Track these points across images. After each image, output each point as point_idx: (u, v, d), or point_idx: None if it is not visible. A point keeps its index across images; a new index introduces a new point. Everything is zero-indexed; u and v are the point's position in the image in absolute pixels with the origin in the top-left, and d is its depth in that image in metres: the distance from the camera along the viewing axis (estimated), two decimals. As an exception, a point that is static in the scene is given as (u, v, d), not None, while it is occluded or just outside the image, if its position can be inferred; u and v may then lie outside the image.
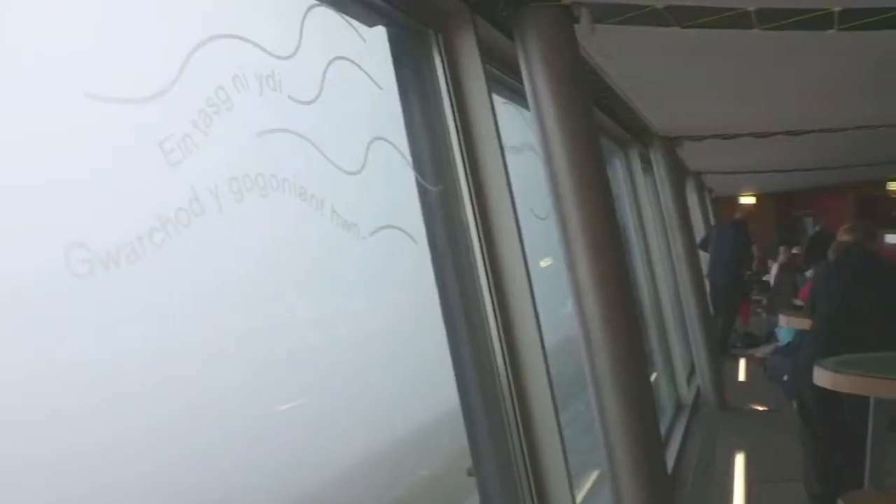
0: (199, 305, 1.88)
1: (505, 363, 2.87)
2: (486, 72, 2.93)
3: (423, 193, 2.82)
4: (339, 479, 2.45)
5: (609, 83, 4.65)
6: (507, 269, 2.89)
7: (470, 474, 2.86)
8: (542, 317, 2.96)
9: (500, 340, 2.87)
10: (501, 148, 2.92)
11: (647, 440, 3.08)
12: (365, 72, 2.59)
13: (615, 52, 3.88)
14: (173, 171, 1.68)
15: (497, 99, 3.30)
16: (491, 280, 2.87)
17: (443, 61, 2.91)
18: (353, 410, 2.53)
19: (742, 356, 9.70)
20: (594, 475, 4.23)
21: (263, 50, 2.05)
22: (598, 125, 5.01)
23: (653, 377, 6.68)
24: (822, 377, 3.79)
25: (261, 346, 2.13)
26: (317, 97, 2.26)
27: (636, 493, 3.06)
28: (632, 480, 3.06)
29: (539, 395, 2.88)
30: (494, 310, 2.87)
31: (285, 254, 2.24)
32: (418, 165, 2.82)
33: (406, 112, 2.84)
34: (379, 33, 2.77)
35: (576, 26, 3.09)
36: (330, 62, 2.37)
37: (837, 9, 3.39)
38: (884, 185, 19.14)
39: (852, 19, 3.49)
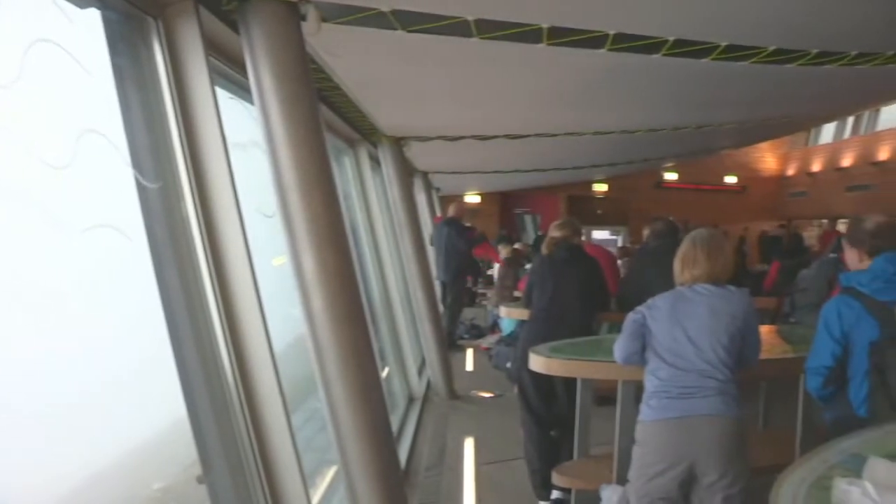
0: None
1: (232, 366, 2.79)
2: (209, 64, 2.83)
3: (141, 190, 2.65)
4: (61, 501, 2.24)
5: (337, 82, 4.68)
6: (232, 268, 2.81)
7: (200, 482, 2.75)
8: (277, 316, 2.92)
9: (227, 342, 2.79)
10: (225, 144, 2.83)
11: (378, 434, 3.15)
12: (73, 57, 2.38)
13: (342, 51, 3.92)
14: None
15: (222, 93, 3.20)
16: (215, 280, 2.78)
17: (163, 51, 2.76)
18: (72, 424, 2.33)
19: (469, 347, 10.22)
20: (331, 472, 4.24)
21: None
22: (326, 123, 5.03)
23: (385, 372, 6.83)
24: (537, 362, 4.10)
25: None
26: (14, 82, 2.05)
27: (370, 485, 3.12)
28: (365, 474, 3.11)
29: (269, 396, 2.84)
30: (220, 311, 2.78)
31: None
32: (136, 161, 2.65)
33: (122, 104, 2.66)
34: (92, 16, 2.56)
35: (303, 24, 3.08)
36: (31, 44, 2.15)
37: (546, 25, 3.68)
38: (590, 186, 21.21)
39: (559, 36, 3.81)
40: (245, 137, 3.56)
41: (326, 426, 3.19)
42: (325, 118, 4.71)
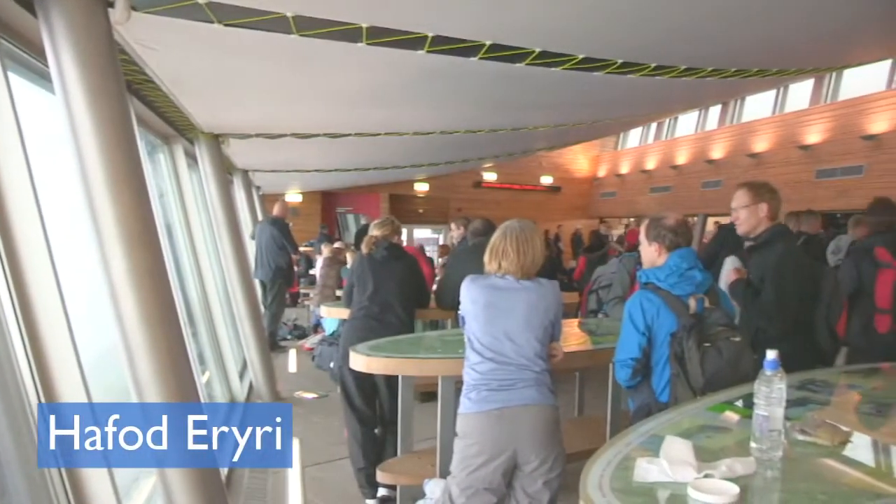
0: None
1: (33, 375, 2.59)
2: (1, 48, 2.60)
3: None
4: None
5: (150, 75, 4.46)
6: (31, 271, 2.60)
7: (-5, 506, 2.55)
8: (92, 320, 2.74)
9: (27, 352, 2.58)
10: (21, 136, 2.62)
11: (196, 440, 3.04)
12: None
13: (155, 43, 3.74)
14: None
15: (19, 81, 2.97)
16: (12, 285, 2.56)
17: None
18: None
19: (292, 348, 10.08)
20: (149, 484, 4.05)
21: None
22: (138, 117, 4.78)
23: (205, 376, 6.60)
24: (357, 361, 4.12)
25: None
26: None
27: (189, 495, 3.00)
28: (184, 483, 3.00)
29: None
30: (18, 319, 2.57)
31: None
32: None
33: None
34: None
35: (110, 10, 2.91)
36: None
37: (365, 25, 3.69)
38: (412, 185, 21.49)
39: (379, 36, 3.83)
40: (48, 129, 3.32)
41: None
42: (136, 112, 4.47)
